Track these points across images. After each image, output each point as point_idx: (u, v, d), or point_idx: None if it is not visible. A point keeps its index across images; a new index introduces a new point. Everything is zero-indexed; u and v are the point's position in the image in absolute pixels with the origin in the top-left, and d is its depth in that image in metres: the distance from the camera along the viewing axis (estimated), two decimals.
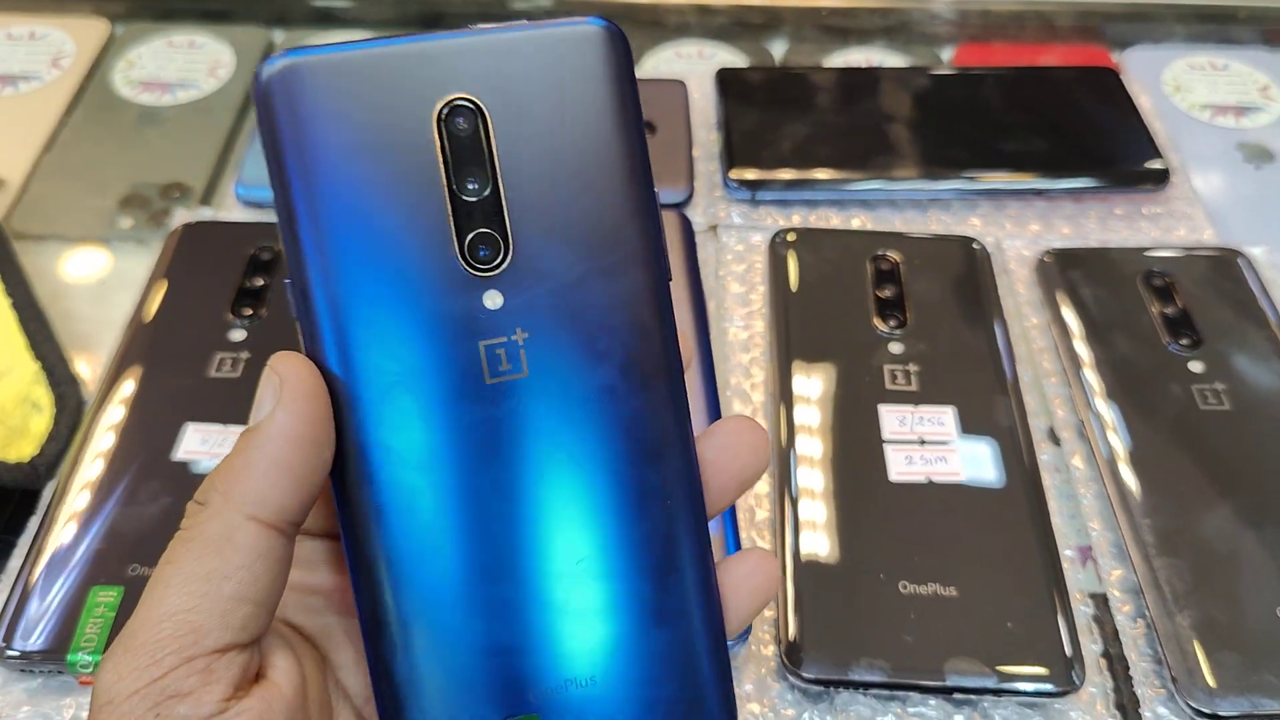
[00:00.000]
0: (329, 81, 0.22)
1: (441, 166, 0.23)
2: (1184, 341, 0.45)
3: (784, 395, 0.43)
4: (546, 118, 0.23)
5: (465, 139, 0.23)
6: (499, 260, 0.23)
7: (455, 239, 0.23)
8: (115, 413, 0.42)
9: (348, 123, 0.22)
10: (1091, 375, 0.44)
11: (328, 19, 0.67)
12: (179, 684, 0.21)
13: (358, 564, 0.23)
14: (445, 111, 0.23)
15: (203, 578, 0.21)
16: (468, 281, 0.23)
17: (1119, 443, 0.42)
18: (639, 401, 0.24)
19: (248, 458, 0.22)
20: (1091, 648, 0.37)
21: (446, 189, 0.23)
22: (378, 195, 0.23)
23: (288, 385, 0.22)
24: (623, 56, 0.24)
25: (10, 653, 0.36)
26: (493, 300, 0.23)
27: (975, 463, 0.41)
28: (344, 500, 0.23)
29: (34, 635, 0.36)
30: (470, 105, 0.23)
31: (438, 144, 0.23)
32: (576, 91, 0.23)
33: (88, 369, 0.47)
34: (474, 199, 0.23)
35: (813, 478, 0.40)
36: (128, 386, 0.43)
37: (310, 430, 0.22)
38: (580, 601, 0.24)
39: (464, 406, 0.23)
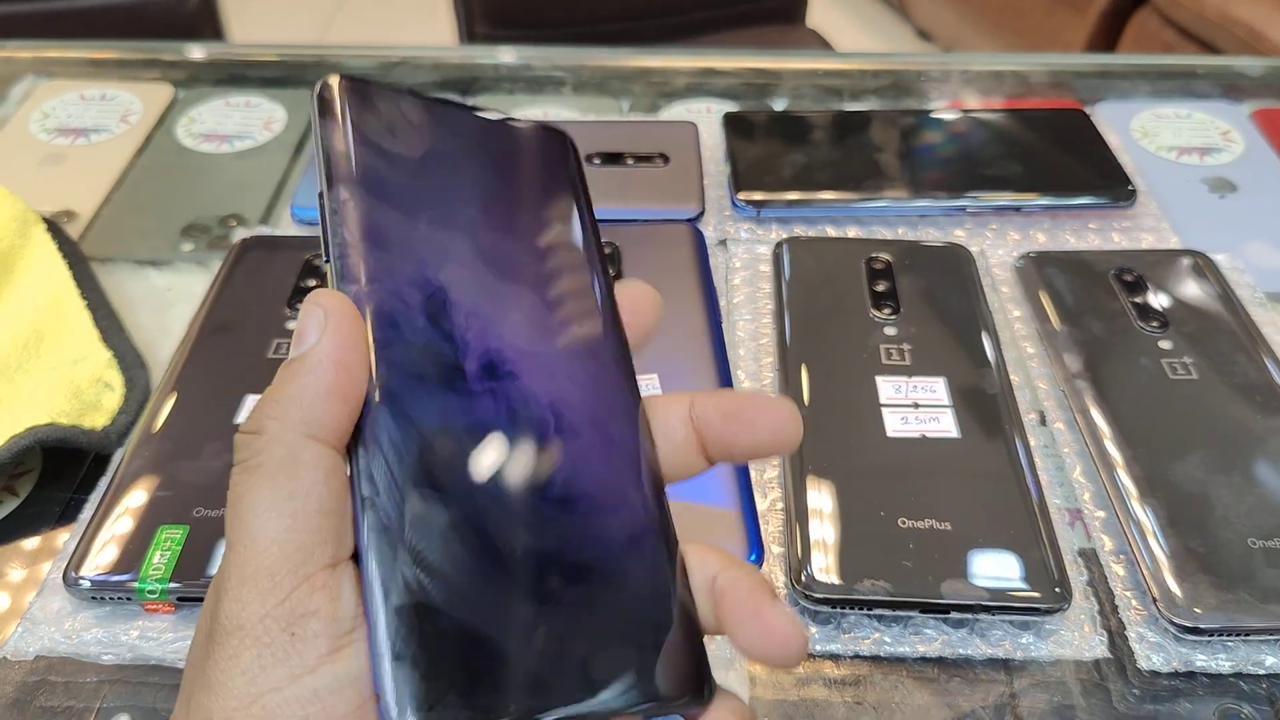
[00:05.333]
0: None
1: None
2: (1154, 324, 0.49)
3: (790, 372, 0.47)
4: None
5: None
6: None
7: None
8: (183, 385, 0.47)
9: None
10: (1071, 353, 0.48)
11: None
12: (305, 602, 0.21)
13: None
14: None
15: (286, 498, 0.22)
16: None
17: (1099, 407, 0.45)
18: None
19: (299, 384, 0.23)
20: (1079, 579, 0.40)
21: None
22: None
23: (332, 315, 0.23)
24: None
25: (81, 582, 0.39)
26: None
27: (965, 421, 0.44)
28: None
29: (103, 567, 0.40)
30: None
31: None
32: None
33: (151, 365, 0.51)
34: None
35: (817, 436, 0.44)
36: (195, 365, 0.48)
37: (355, 355, 0.23)
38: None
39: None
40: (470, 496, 0.24)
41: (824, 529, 0.40)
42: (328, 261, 0.26)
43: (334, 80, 0.27)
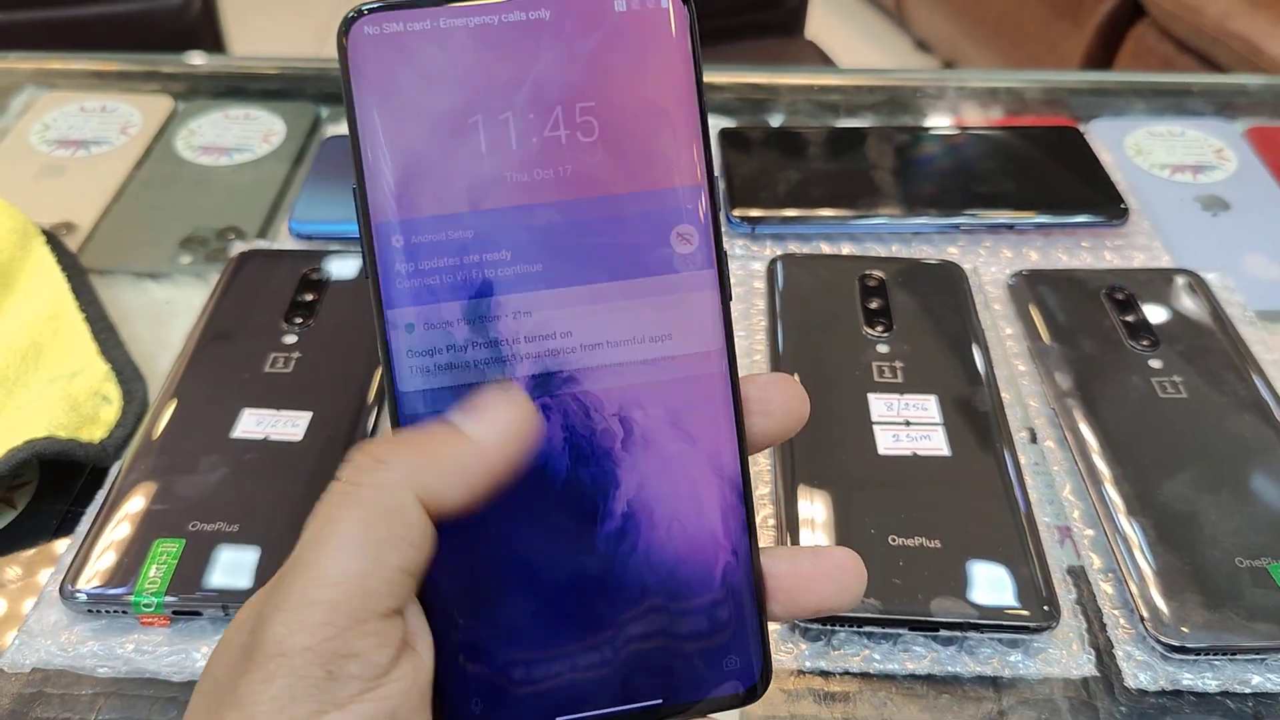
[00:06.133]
0: None
1: None
2: (1144, 342, 0.49)
3: None
4: None
5: None
6: None
7: None
8: (180, 398, 0.47)
9: None
10: (1062, 371, 0.48)
11: None
12: (351, 644, 0.21)
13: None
14: None
15: (375, 544, 0.22)
16: None
17: (1089, 425, 0.46)
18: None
19: (445, 453, 0.23)
20: (1067, 597, 0.41)
21: None
22: None
23: (518, 428, 0.24)
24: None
25: (78, 595, 0.40)
26: None
27: (956, 439, 0.45)
28: None
29: (99, 580, 0.40)
30: None
31: None
32: None
33: (149, 378, 0.52)
34: None
35: (808, 453, 0.44)
36: (192, 378, 0.48)
37: (507, 471, 0.24)
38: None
39: None
40: (529, 526, 0.25)
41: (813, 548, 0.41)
42: (367, 278, 0.25)
43: (358, 30, 0.24)
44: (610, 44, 0.25)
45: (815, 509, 0.42)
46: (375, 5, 0.25)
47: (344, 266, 0.54)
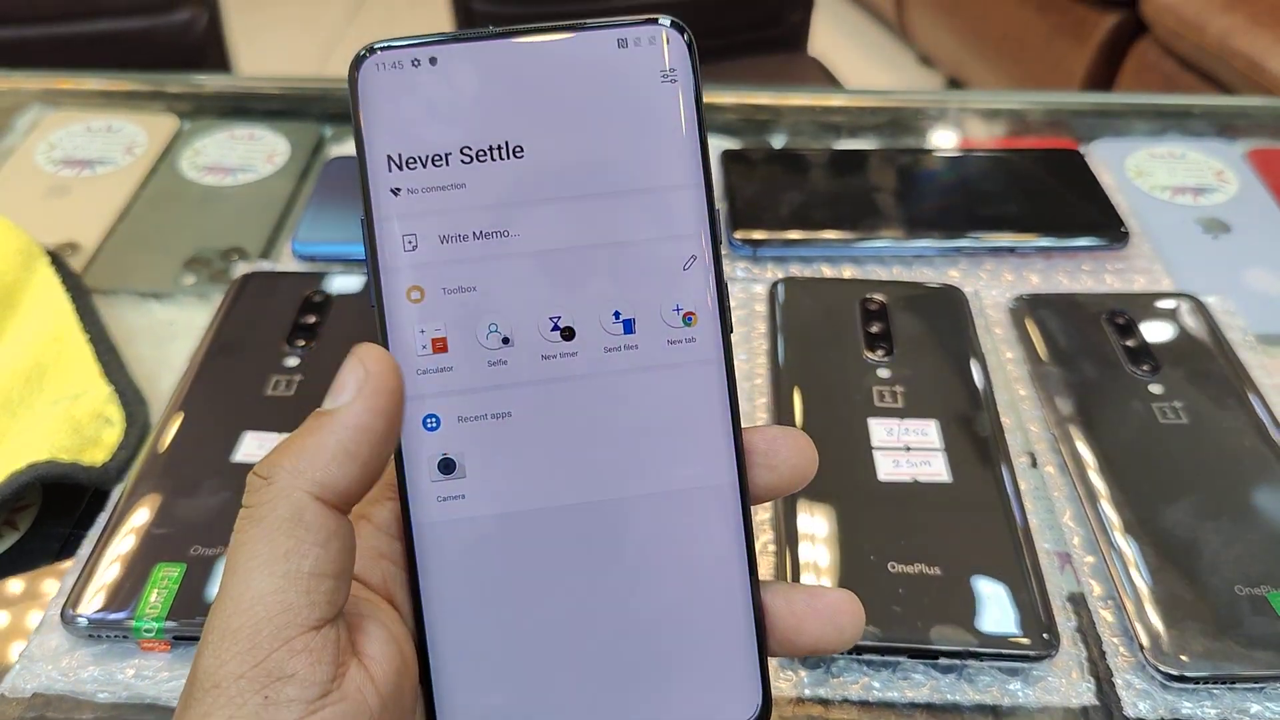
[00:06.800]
0: None
1: None
2: (1145, 368, 0.49)
3: (783, 412, 0.48)
4: None
5: None
6: None
7: None
8: (182, 421, 0.47)
9: None
10: (1063, 396, 0.48)
11: None
12: (283, 665, 0.21)
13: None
14: None
15: (281, 558, 0.22)
16: None
17: (1089, 450, 0.46)
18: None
19: (320, 439, 0.23)
20: (1067, 624, 0.41)
21: None
22: None
23: (372, 379, 0.23)
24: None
25: (79, 619, 0.40)
26: None
27: (957, 464, 0.45)
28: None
29: (100, 604, 0.40)
30: None
31: None
32: None
33: (151, 399, 0.52)
34: None
35: None
36: (194, 401, 0.48)
37: (384, 426, 0.23)
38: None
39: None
40: (525, 557, 0.26)
41: (815, 573, 0.41)
42: (372, 306, 0.26)
43: (369, 67, 0.25)
44: (612, 80, 0.26)
45: (815, 536, 0.42)
46: (386, 43, 0.25)
47: (346, 288, 0.55)
